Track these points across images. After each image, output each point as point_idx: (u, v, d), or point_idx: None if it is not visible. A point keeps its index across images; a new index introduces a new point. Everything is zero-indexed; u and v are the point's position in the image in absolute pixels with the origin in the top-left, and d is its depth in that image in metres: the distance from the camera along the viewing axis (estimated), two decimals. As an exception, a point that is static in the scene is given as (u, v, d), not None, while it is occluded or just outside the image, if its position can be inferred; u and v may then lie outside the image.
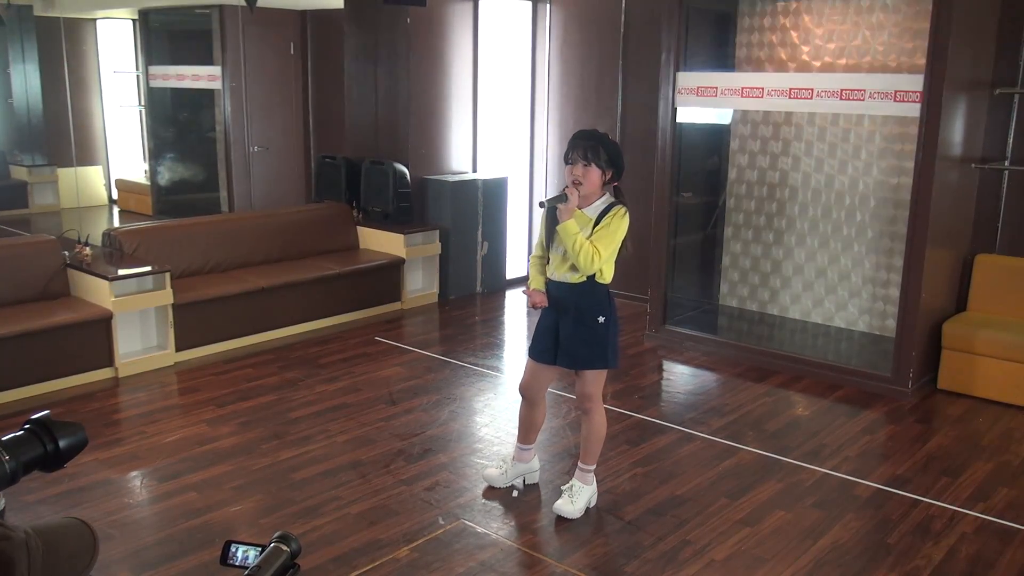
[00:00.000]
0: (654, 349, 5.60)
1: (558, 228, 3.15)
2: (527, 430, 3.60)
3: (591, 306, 3.25)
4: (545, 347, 3.35)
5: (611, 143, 3.21)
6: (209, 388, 4.79)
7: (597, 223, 3.17)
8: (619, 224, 3.17)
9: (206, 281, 5.56)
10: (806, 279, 5.86)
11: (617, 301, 3.37)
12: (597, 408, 3.39)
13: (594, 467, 3.47)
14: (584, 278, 3.22)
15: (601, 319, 3.25)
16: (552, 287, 3.32)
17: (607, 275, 3.26)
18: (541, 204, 3.23)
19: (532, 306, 3.36)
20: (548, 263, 3.34)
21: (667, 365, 5.39)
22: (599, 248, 3.12)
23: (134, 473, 3.77)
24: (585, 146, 3.16)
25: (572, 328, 3.27)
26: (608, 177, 3.20)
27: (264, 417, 4.38)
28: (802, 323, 5.88)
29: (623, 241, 3.24)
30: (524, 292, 3.39)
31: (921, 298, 4.67)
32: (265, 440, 4.09)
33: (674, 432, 4.28)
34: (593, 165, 3.15)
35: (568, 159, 3.20)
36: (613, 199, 3.24)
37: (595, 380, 3.33)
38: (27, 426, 1.18)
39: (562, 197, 3.15)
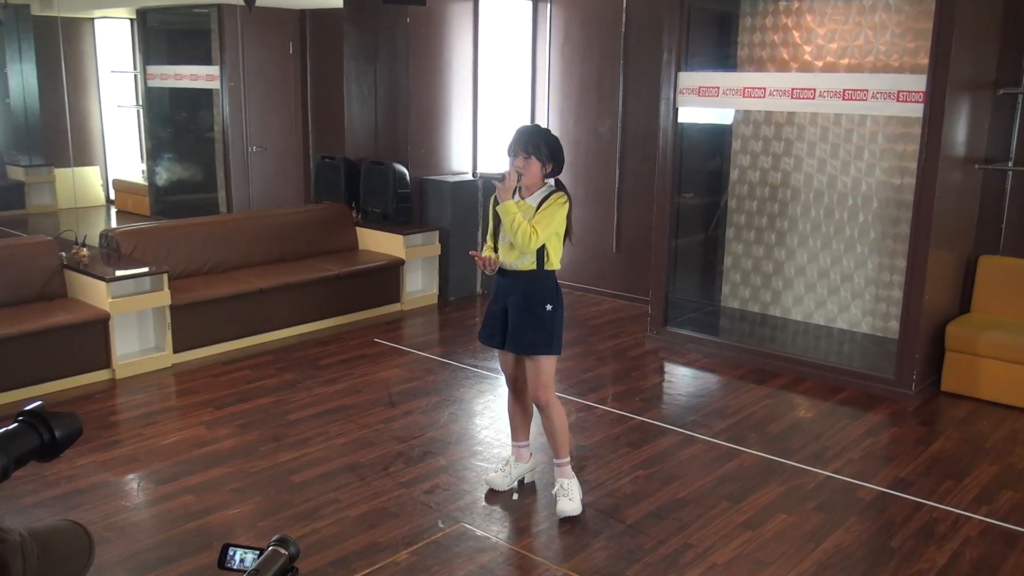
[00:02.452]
0: (655, 351, 5.60)
1: (497, 208, 3.29)
2: (518, 424, 3.64)
3: (539, 294, 3.37)
4: (493, 332, 3.47)
5: (551, 138, 3.37)
6: (207, 390, 4.78)
7: (539, 208, 3.31)
8: (557, 209, 3.30)
9: (204, 282, 5.56)
10: (808, 280, 5.85)
11: (619, 303, 3.38)
12: (552, 399, 3.44)
13: (569, 458, 3.50)
14: (533, 265, 3.33)
15: (549, 307, 3.37)
16: (502, 275, 3.42)
17: (554, 261, 3.38)
18: (476, 176, 3.36)
19: (484, 268, 3.42)
20: (497, 253, 3.43)
21: (668, 367, 5.38)
22: (537, 228, 3.25)
23: (131, 475, 3.77)
24: (526, 140, 3.31)
25: (520, 314, 3.37)
26: (549, 170, 3.35)
27: (262, 419, 4.37)
28: (804, 324, 5.88)
29: (567, 230, 3.37)
30: (472, 254, 3.44)
31: (924, 299, 4.67)
32: (264, 442, 4.09)
33: (675, 434, 4.27)
34: (533, 158, 3.30)
35: (511, 151, 3.34)
36: (553, 188, 3.37)
37: (547, 368, 3.40)
38: (20, 418, 1.17)
39: (499, 176, 3.29)
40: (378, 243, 6.55)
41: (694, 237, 6.29)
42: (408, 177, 6.62)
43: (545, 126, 3.45)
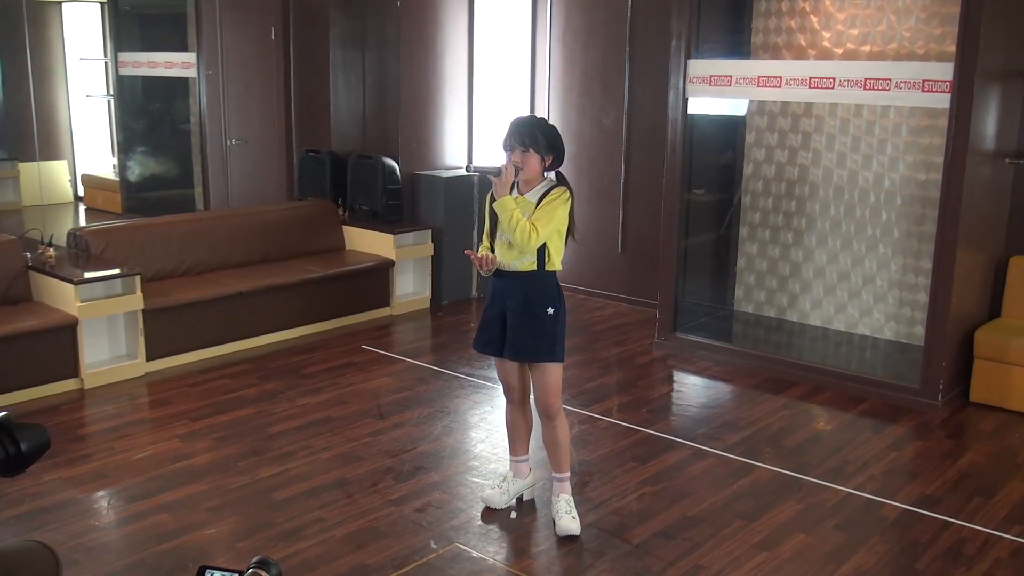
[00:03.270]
0: (663, 358, 5.60)
1: (494, 205, 3.28)
2: (516, 437, 3.64)
3: (540, 296, 3.35)
4: (490, 338, 3.46)
5: (549, 128, 3.35)
6: (182, 400, 4.78)
7: (538, 204, 3.30)
8: (559, 205, 3.29)
9: (179, 285, 5.56)
10: (827, 283, 5.86)
11: (625, 307, 3.39)
12: (559, 408, 3.45)
13: (569, 473, 3.51)
14: (534, 266, 3.32)
15: (550, 310, 3.36)
16: (499, 276, 3.41)
17: (556, 262, 3.37)
18: (468, 169, 3.42)
19: (480, 268, 3.40)
20: (494, 253, 3.42)
21: (677, 376, 5.38)
22: (536, 226, 3.23)
23: (101, 493, 3.76)
24: (522, 132, 3.30)
25: (519, 319, 3.36)
26: (549, 163, 3.34)
27: (242, 432, 4.37)
28: (823, 330, 5.88)
29: (570, 228, 3.36)
30: (467, 253, 3.42)
31: (951, 303, 4.68)
32: (243, 457, 4.09)
33: (685, 448, 4.27)
34: (531, 151, 3.29)
35: (506, 145, 3.32)
36: (554, 182, 3.36)
37: (555, 376, 3.41)
38: None
39: (495, 170, 3.26)
40: (366, 243, 6.55)
41: (705, 236, 6.29)
42: (398, 172, 6.62)
43: (541, 116, 3.44)
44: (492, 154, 7.19)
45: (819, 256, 5.87)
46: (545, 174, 3.36)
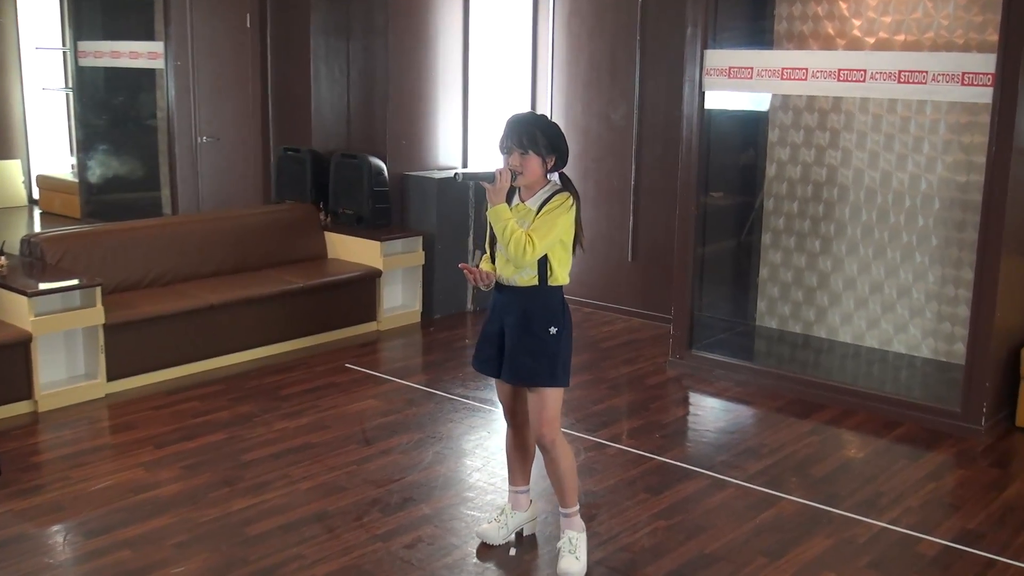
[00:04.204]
0: (678, 378, 5.59)
1: (487, 213, 3.25)
2: (517, 465, 3.63)
3: (541, 313, 3.33)
4: (488, 356, 3.45)
5: (550, 125, 3.33)
6: (147, 425, 4.77)
7: (539, 211, 3.27)
8: (561, 213, 3.25)
9: (144, 297, 5.56)
10: (859, 295, 5.86)
11: (636, 322, 3.38)
12: (559, 439, 3.42)
13: (578, 507, 3.49)
14: (535, 280, 3.31)
15: (553, 330, 3.33)
16: (499, 291, 3.40)
17: (560, 276, 3.35)
18: (456, 177, 3.33)
19: (477, 283, 3.38)
20: (494, 264, 3.42)
21: (694, 397, 5.38)
22: (534, 237, 3.20)
23: (56, 527, 3.75)
24: (520, 132, 3.26)
25: (518, 337, 3.34)
26: (551, 164, 3.31)
27: (212, 459, 4.36)
28: (854, 348, 5.88)
29: (576, 237, 3.34)
30: (462, 267, 3.38)
31: (995, 318, 4.67)
32: (213, 487, 4.08)
33: (702, 478, 4.27)
34: (531, 152, 3.25)
35: (503, 147, 3.30)
36: (558, 186, 3.33)
37: (553, 402, 3.38)
38: None
39: (489, 176, 3.23)
40: (350, 251, 6.56)
41: (724, 244, 6.30)
42: (386, 173, 6.63)
43: (541, 113, 3.43)
44: (490, 153, 7.20)
45: (849, 266, 5.87)
46: (548, 177, 3.34)
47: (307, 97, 7.17)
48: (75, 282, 5.10)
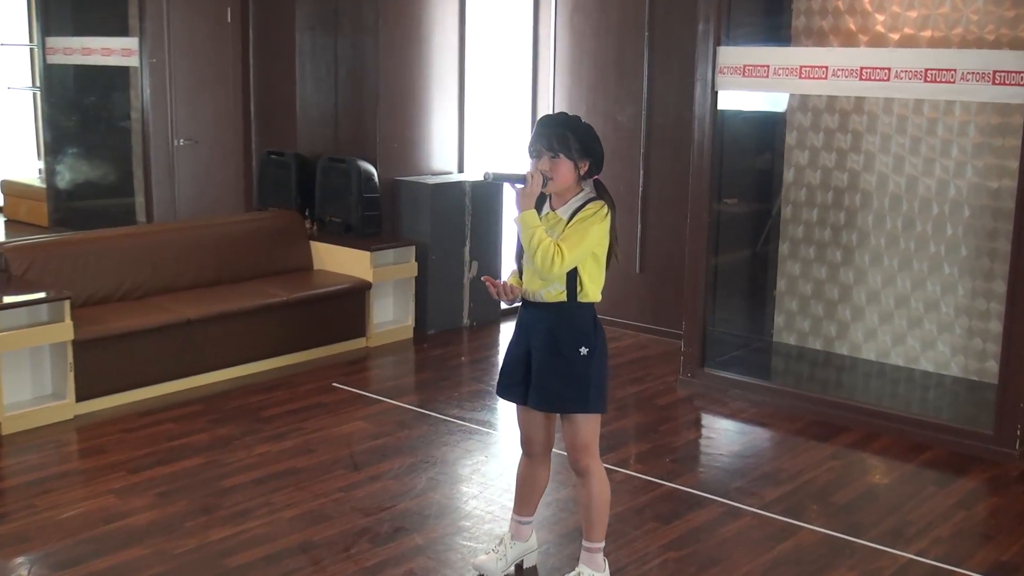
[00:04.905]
0: (690, 398, 5.59)
1: (514, 219, 3.23)
2: (526, 495, 3.60)
3: (571, 333, 3.30)
4: (513, 382, 3.42)
5: (583, 127, 3.30)
6: (119, 449, 4.77)
7: (569, 221, 3.25)
8: (594, 222, 3.23)
9: (117, 311, 5.56)
10: (883, 309, 5.86)
11: (644, 338, 3.38)
12: (595, 466, 3.40)
13: (603, 544, 3.47)
14: (563, 296, 3.28)
15: (583, 350, 3.30)
16: (525, 308, 3.38)
17: (591, 292, 3.32)
18: (486, 176, 3.28)
19: (500, 297, 3.38)
20: (521, 278, 3.41)
21: (707, 419, 5.37)
22: (563, 248, 3.16)
23: (20, 559, 3.74)
24: (550, 134, 3.24)
25: (547, 360, 3.31)
26: (584, 170, 3.28)
27: (189, 486, 4.35)
28: (878, 366, 5.88)
29: (610, 249, 3.31)
30: (485, 280, 3.39)
31: (1030, 334, 4.68)
32: (191, 516, 4.07)
33: (716, 506, 4.26)
34: (562, 157, 3.23)
35: (532, 151, 3.27)
36: (592, 194, 3.31)
37: (587, 428, 3.36)
38: None
39: (520, 178, 3.21)
40: (338, 261, 6.56)
41: (739, 254, 6.30)
42: (376, 178, 6.64)
43: (574, 114, 3.38)
44: (489, 157, 7.22)
45: (873, 278, 5.88)
46: (582, 184, 3.30)
47: (292, 97, 7.19)
48: (42, 295, 5.10)
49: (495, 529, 3.96)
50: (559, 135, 3.23)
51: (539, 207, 3.27)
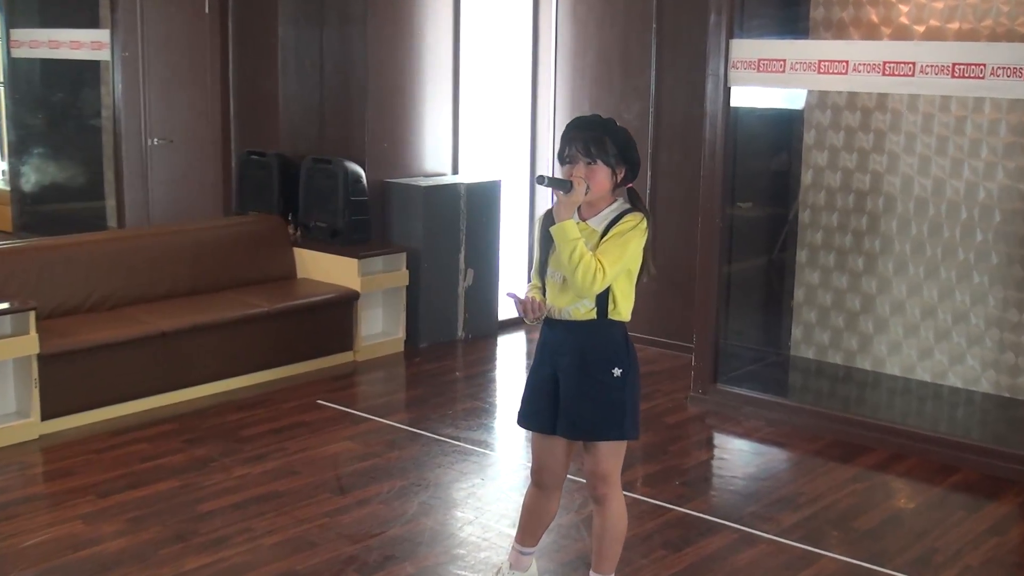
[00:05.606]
0: (701, 416, 5.59)
1: (552, 229, 3.17)
2: (532, 526, 3.58)
3: (603, 353, 3.27)
4: (538, 408, 3.37)
5: (621, 131, 3.27)
6: (87, 471, 4.76)
7: (604, 233, 3.21)
8: (634, 236, 3.20)
9: (86, 323, 5.55)
10: (908, 321, 5.87)
11: (652, 351, 3.38)
12: (614, 494, 3.39)
13: None
14: (593, 313, 3.24)
15: (617, 371, 3.27)
16: (550, 327, 3.33)
17: (623, 309, 3.30)
18: (540, 180, 3.21)
19: (525, 316, 3.29)
20: (545, 294, 3.35)
21: (719, 439, 5.37)
22: (604, 263, 3.13)
23: (-18, 589, 3.74)
24: (586, 138, 3.19)
25: (576, 383, 3.28)
26: (620, 177, 3.25)
27: (163, 511, 4.35)
28: (903, 381, 5.88)
29: (644, 262, 3.29)
30: (511, 296, 3.32)
31: (1066, 347, 4.68)
32: (165, 543, 4.06)
33: (729, 532, 4.26)
34: (599, 162, 3.18)
35: (564, 157, 3.23)
36: (627, 205, 3.28)
37: (611, 455, 3.34)
38: None
39: (565, 184, 3.16)
40: (324, 270, 6.56)
41: (753, 262, 6.31)
42: (365, 180, 6.64)
43: (608, 116, 3.35)
44: (486, 158, 7.22)
45: (897, 287, 5.88)
46: (614, 193, 3.27)
47: (274, 93, 7.19)
48: (5, 306, 5.10)
49: (492, 557, 3.95)
50: (596, 139, 3.18)
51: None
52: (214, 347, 5.81)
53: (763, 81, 5.45)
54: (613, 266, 3.15)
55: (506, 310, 7.11)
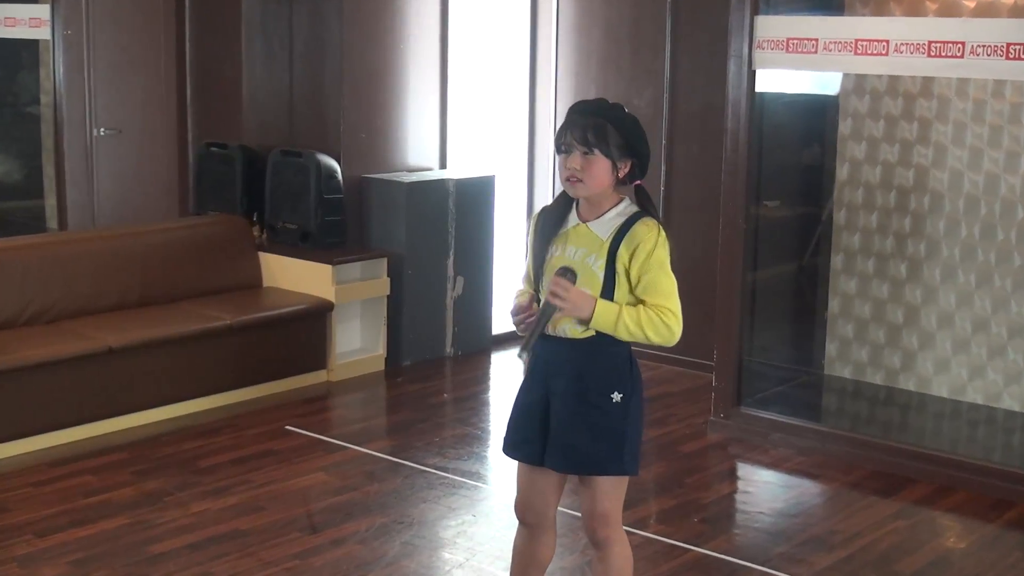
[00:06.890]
0: (723, 444, 5.59)
1: (593, 325, 3.13)
2: (522, 570, 3.57)
3: (602, 375, 3.25)
4: (526, 437, 3.32)
5: (628, 119, 3.23)
6: (24, 506, 4.75)
7: (615, 247, 3.17)
8: (663, 253, 3.18)
9: (22, 338, 5.55)
10: (957, 336, 5.87)
11: (667, 370, 3.37)
12: (617, 537, 3.37)
13: None
14: (593, 331, 3.18)
15: (617, 396, 3.25)
16: (543, 346, 3.27)
17: None
18: (520, 355, 3.20)
19: (517, 313, 3.26)
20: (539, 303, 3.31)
21: (743, 469, 5.37)
22: (665, 305, 3.14)
23: (-96, 642, 3.73)
24: (585, 124, 3.16)
25: (571, 408, 3.24)
26: (624, 172, 3.22)
27: (110, 552, 4.34)
28: (952, 404, 5.88)
29: None
30: (516, 312, 3.27)
31: None
32: (112, 589, 4.05)
33: (755, 575, 4.25)
34: (598, 154, 3.15)
35: (561, 146, 3.20)
36: (635, 208, 3.25)
37: (610, 492, 3.32)
38: None
39: (549, 311, 3.12)
40: (293, 277, 6.56)
41: (782, 269, 6.31)
42: (340, 175, 6.64)
43: (615, 102, 3.32)
44: (477, 151, 7.22)
45: (944, 297, 5.88)
46: (618, 190, 3.24)
47: (237, 78, 7.19)
48: (-68, 319, 5.10)
49: (485, 605, 3.95)
50: (596, 126, 3.15)
51: (563, 218, 3.22)
52: (168, 366, 5.81)
53: (792, 63, 5.45)
54: (671, 298, 3.18)
55: (501, 323, 7.10)
